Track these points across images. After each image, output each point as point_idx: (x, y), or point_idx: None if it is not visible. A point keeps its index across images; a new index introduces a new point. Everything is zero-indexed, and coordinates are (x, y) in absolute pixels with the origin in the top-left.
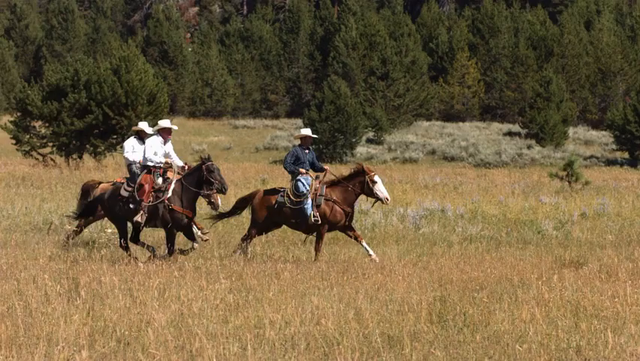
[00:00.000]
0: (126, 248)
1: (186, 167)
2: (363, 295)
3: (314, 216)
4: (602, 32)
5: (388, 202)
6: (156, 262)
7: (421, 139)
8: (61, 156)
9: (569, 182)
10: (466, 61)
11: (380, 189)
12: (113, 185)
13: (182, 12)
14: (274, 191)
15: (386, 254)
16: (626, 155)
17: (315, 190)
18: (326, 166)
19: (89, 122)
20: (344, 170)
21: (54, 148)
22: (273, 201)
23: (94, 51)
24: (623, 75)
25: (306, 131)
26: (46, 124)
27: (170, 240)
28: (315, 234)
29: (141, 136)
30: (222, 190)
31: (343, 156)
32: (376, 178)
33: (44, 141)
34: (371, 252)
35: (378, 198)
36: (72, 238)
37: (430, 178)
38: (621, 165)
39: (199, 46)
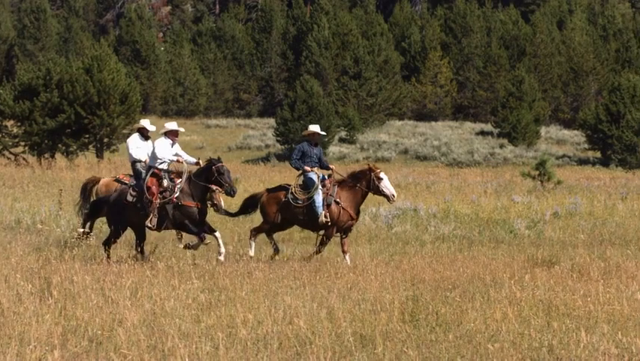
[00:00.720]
0: (107, 249)
1: (201, 161)
2: (335, 295)
3: (325, 217)
4: (575, 32)
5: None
6: (129, 261)
7: (394, 138)
8: (33, 155)
9: (542, 181)
10: (439, 60)
11: (386, 185)
12: (115, 180)
13: (155, 11)
14: (282, 188)
15: (358, 253)
16: (598, 154)
17: (327, 190)
18: (332, 165)
19: (61, 121)
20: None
21: (26, 147)
22: (282, 198)
23: (66, 50)
24: (595, 75)
25: (315, 128)
26: (19, 123)
27: (191, 231)
28: (321, 233)
29: (143, 133)
30: (231, 193)
31: None
32: (382, 175)
33: (16, 140)
34: (348, 262)
35: (384, 195)
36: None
37: (402, 177)
38: (593, 164)
39: (171, 45)
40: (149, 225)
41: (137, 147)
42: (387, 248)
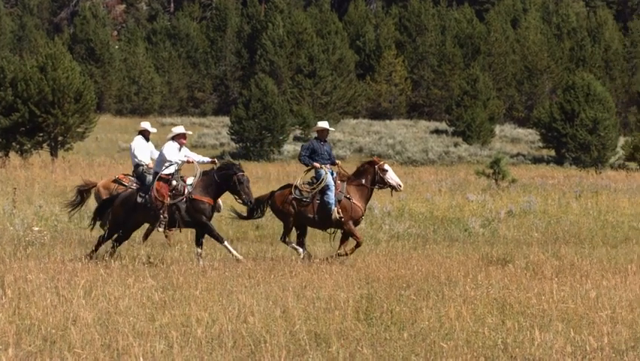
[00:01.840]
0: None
1: (216, 160)
2: (290, 293)
3: (337, 213)
4: (529, 30)
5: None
6: (83, 260)
7: (348, 137)
8: None
9: (496, 180)
10: (393, 59)
11: (391, 176)
12: (113, 181)
13: (109, 9)
14: (287, 186)
15: (313, 252)
16: (553, 153)
17: (337, 187)
18: (337, 161)
19: (15, 120)
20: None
21: None
22: (291, 197)
23: (20, 49)
24: (549, 73)
25: (324, 124)
26: None
27: (208, 230)
28: (329, 231)
29: (145, 136)
30: (249, 203)
31: (270, 154)
32: (386, 167)
33: None
34: (339, 253)
35: (390, 186)
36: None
37: None
38: (547, 162)
39: (126, 43)
40: (159, 229)
41: (141, 150)
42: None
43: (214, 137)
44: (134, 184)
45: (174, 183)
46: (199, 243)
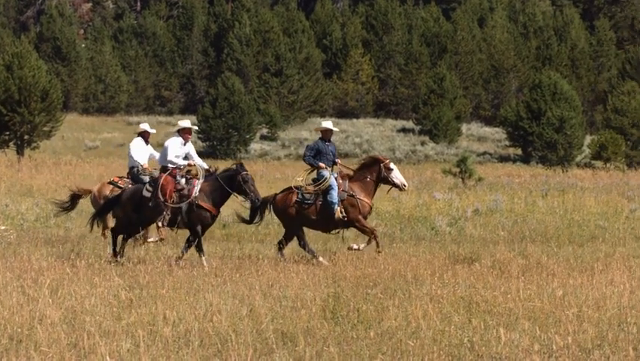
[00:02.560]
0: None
1: (211, 169)
2: (257, 292)
3: (340, 212)
4: (495, 29)
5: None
6: (49, 259)
7: (315, 136)
8: None
9: (463, 178)
10: (360, 57)
11: (396, 175)
12: (109, 183)
13: (76, 8)
14: (290, 189)
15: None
16: (519, 151)
17: (339, 186)
18: (338, 160)
19: None
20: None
21: None
22: (294, 199)
23: None
24: (515, 72)
25: (327, 124)
26: None
27: (194, 237)
28: (333, 232)
29: (145, 137)
30: (256, 201)
31: (237, 152)
32: (392, 165)
33: None
34: (362, 244)
35: (395, 185)
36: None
37: None
38: (514, 161)
39: (92, 42)
40: (160, 224)
41: (139, 152)
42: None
43: None
44: (129, 185)
45: (182, 182)
46: (197, 247)
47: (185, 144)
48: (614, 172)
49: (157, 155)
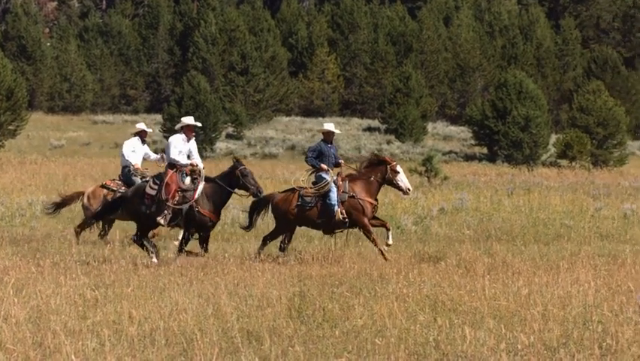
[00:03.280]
0: (142, 245)
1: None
2: (222, 291)
3: (341, 213)
4: (461, 28)
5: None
6: (14, 258)
7: (281, 134)
8: None
9: (428, 177)
10: (326, 56)
11: (402, 179)
12: (101, 186)
13: (41, 6)
14: (291, 190)
15: (245, 250)
16: (485, 150)
17: (339, 187)
18: (341, 160)
19: None
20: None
21: None
22: (294, 202)
23: None
24: (481, 71)
25: (329, 127)
26: None
27: (186, 238)
28: (338, 231)
29: (142, 136)
30: (258, 194)
31: (203, 151)
32: (398, 168)
33: None
34: (390, 237)
35: (399, 189)
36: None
37: (289, 174)
38: (480, 160)
39: (58, 41)
40: (161, 222)
41: (133, 151)
42: (275, 244)
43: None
44: (122, 187)
45: (187, 182)
46: (180, 245)
47: (188, 141)
48: (579, 171)
49: (152, 155)
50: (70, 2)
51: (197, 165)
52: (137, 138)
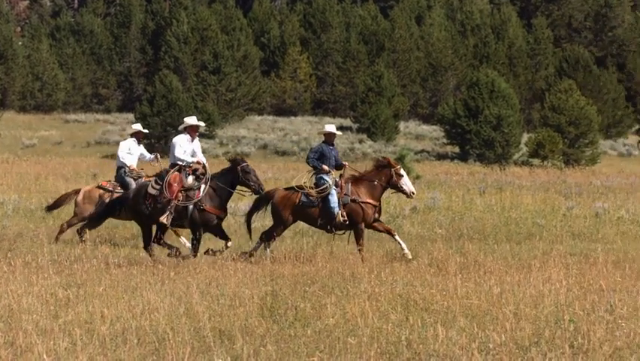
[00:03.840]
0: (149, 250)
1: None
2: (194, 290)
3: (342, 216)
4: (433, 27)
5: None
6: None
7: (253, 134)
8: None
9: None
10: (298, 55)
11: (406, 182)
12: (97, 187)
13: (13, 5)
14: (294, 189)
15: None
16: (457, 149)
17: (341, 189)
18: (345, 163)
19: None
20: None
21: None
22: (297, 200)
23: None
24: (453, 70)
25: (331, 128)
26: None
27: (197, 238)
28: (338, 232)
29: (138, 137)
30: (260, 192)
31: None
32: (402, 172)
33: None
34: (404, 247)
35: (403, 192)
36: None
37: (262, 173)
38: (452, 159)
39: (29, 40)
40: (164, 221)
41: (129, 153)
42: (247, 243)
43: (118, 133)
44: (118, 187)
45: (190, 181)
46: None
47: (192, 141)
48: (551, 170)
49: (147, 155)
50: (41, 1)
51: (203, 163)
52: (134, 139)
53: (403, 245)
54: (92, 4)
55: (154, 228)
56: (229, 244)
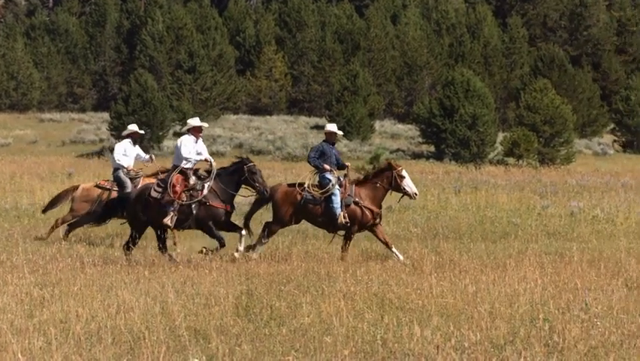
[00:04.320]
0: (128, 252)
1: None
2: (169, 289)
3: (344, 217)
4: (408, 26)
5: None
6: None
7: (228, 133)
8: None
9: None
10: (273, 54)
11: (408, 183)
12: (95, 186)
13: None
14: (298, 186)
15: (193, 248)
16: (432, 148)
17: (345, 190)
18: (347, 163)
19: None
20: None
21: None
22: (299, 197)
23: None
24: (428, 69)
25: (332, 127)
26: None
27: (213, 234)
28: (340, 233)
29: (133, 138)
30: (264, 193)
31: (150, 149)
32: (404, 173)
33: None
34: (401, 258)
35: (406, 193)
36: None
37: None
38: (427, 158)
39: (4, 39)
40: (168, 223)
41: (124, 154)
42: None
43: (93, 132)
44: (115, 187)
45: (192, 180)
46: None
47: (196, 142)
48: (526, 169)
49: (143, 155)
50: (16, 0)
51: (210, 161)
52: (129, 140)
53: (401, 257)
54: (66, 3)
55: (153, 231)
56: (243, 232)
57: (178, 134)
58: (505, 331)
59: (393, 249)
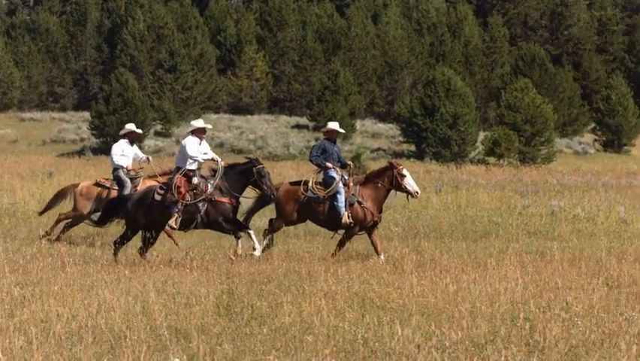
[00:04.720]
0: (116, 252)
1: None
2: (150, 288)
3: (347, 217)
4: (389, 26)
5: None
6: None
7: (209, 132)
8: None
9: (357, 174)
10: (255, 54)
11: (409, 182)
12: (95, 184)
13: None
14: (300, 183)
15: (174, 247)
16: (413, 147)
17: (349, 190)
18: (349, 162)
19: None
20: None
21: None
22: (302, 195)
23: None
24: (409, 68)
25: (334, 125)
26: None
27: (226, 229)
28: (340, 232)
29: (131, 137)
30: (272, 197)
31: None
32: (405, 172)
33: None
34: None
35: (407, 192)
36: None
37: None
38: (408, 157)
39: None
40: (173, 225)
41: (122, 154)
42: (203, 242)
43: (74, 132)
44: (115, 186)
45: (195, 180)
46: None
47: (200, 143)
48: (507, 168)
49: (141, 155)
50: None
51: (217, 160)
52: (126, 140)
53: (382, 259)
54: (47, 2)
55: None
56: (250, 231)
57: (159, 134)
58: (486, 330)
59: (382, 256)
